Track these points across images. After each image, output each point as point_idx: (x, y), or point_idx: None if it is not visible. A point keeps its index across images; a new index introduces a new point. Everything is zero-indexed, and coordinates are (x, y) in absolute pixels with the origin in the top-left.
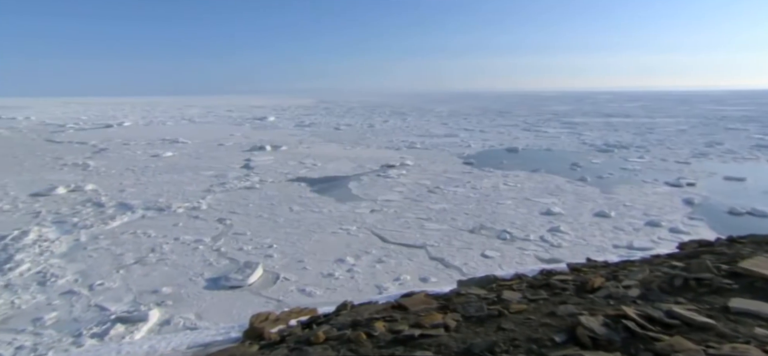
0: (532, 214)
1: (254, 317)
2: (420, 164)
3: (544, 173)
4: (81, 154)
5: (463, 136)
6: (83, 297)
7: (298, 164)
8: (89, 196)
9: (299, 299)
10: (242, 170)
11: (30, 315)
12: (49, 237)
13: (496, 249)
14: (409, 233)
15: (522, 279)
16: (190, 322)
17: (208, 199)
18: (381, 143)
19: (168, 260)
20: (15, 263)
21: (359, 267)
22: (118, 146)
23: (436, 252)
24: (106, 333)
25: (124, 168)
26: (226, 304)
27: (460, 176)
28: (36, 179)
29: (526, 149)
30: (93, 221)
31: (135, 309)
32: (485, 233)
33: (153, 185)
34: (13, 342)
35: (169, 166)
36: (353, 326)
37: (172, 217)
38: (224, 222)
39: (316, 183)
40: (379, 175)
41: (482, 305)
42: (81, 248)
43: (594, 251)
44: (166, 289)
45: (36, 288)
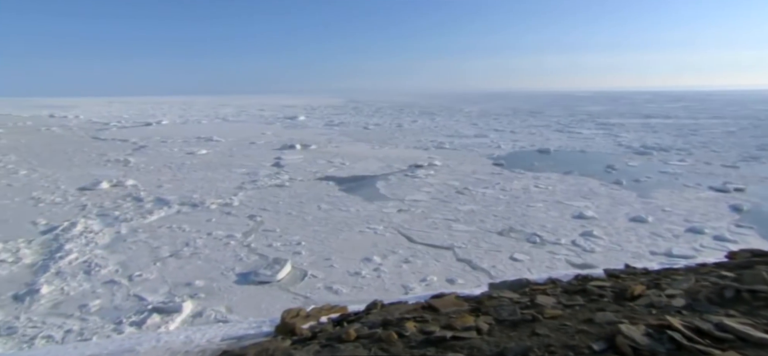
0: (564, 217)
1: (285, 312)
2: (448, 165)
3: (577, 175)
4: (123, 151)
5: (493, 136)
6: (123, 286)
7: (327, 163)
8: (129, 191)
9: (326, 296)
10: (273, 168)
11: (77, 302)
12: (93, 229)
13: (525, 253)
14: (437, 234)
15: (556, 283)
16: (221, 315)
17: (239, 196)
18: (409, 143)
19: (201, 255)
20: (64, 252)
21: (386, 267)
22: (156, 143)
23: (463, 254)
24: (143, 322)
25: (161, 165)
26: (255, 299)
27: (490, 178)
28: (83, 174)
29: (558, 151)
30: (133, 215)
31: (170, 300)
32: (514, 235)
33: (188, 182)
34: (62, 326)
35: (204, 163)
36: (384, 325)
37: (206, 213)
38: (255, 219)
39: (344, 182)
40: (407, 175)
41: (515, 309)
42: (121, 241)
43: (629, 257)
44: (199, 282)
45: (82, 277)
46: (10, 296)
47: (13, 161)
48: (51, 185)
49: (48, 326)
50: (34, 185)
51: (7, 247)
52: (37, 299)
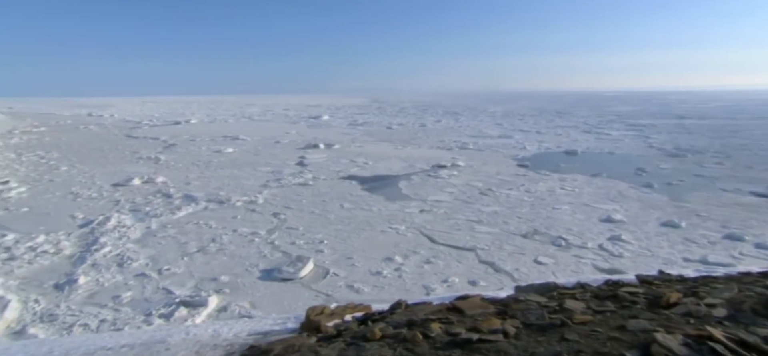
0: (591, 221)
1: (310, 309)
2: (472, 165)
3: (606, 177)
4: (154, 149)
5: (518, 137)
6: (153, 279)
7: (350, 162)
8: (160, 187)
9: (347, 294)
10: (297, 167)
11: (110, 293)
12: (126, 224)
13: (550, 256)
14: (459, 235)
15: (585, 288)
16: (245, 310)
17: (264, 194)
18: (432, 143)
19: (226, 251)
20: (99, 245)
21: (407, 267)
22: (185, 141)
23: (486, 256)
24: (171, 314)
25: (189, 163)
26: (278, 295)
27: (514, 179)
28: (117, 171)
29: (586, 152)
30: (162, 210)
31: (196, 294)
32: (539, 238)
33: (215, 179)
34: (98, 315)
35: (230, 161)
36: (409, 325)
37: (232, 210)
38: (278, 217)
39: (366, 182)
40: (430, 175)
41: (543, 313)
42: (152, 235)
43: (660, 263)
44: (224, 277)
45: (115, 269)
46: (51, 285)
47: (56, 157)
48: (88, 181)
49: (84, 315)
50: (74, 180)
51: (49, 239)
52: (75, 289)
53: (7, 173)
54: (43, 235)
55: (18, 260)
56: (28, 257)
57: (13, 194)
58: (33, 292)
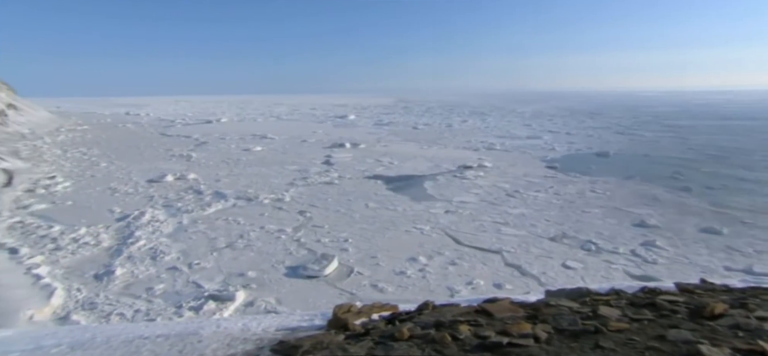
0: (623, 225)
1: (337, 307)
2: (499, 167)
3: (639, 180)
4: (186, 147)
5: (547, 138)
6: (184, 273)
7: (376, 162)
8: (191, 184)
9: (371, 294)
10: (323, 166)
11: (144, 285)
12: (159, 219)
13: (579, 260)
14: (485, 237)
15: (620, 294)
16: (271, 306)
17: (291, 192)
18: (459, 144)
19: (254, 247)
20: (135, 238)
21: (431, 268)
22: (215, 140)
23: (512, 259)
24: (201, 307)
25: (220, 160)
26: (303, 292)
27: (542, 181)
28: (152, 168)
29: (618, 154)
30: (193, 206)
31: (224, 288)
32: (567, 242)
33: (244, 177)
34: (132, 306)
35: (258, 160)
36: (437, 326)
37: (259, 207)
38: (304, 215)
39: (392, 181)
40: (456, 176)
41: (576, 318)
42: (183, 230)
43: (699, 272)
44: (252, 273)
45: (149, 262)
46: (91, 275)
47: (96, 154)
48: (125, 177)
49: (121, 305)
50: (112, 176)
51: (90, 231)
52: (113, 280)
53: (54, 168)
54: (84, 227)
55: (63, 250)
56: (71, 248)
57: (59, 188)
58: (76, 281)
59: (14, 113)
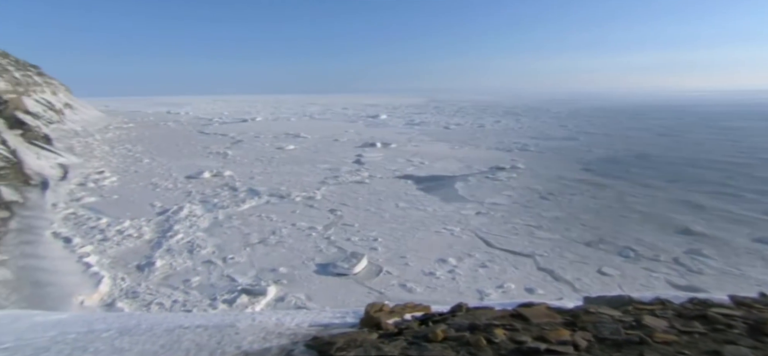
0: (665, 231)
1: (370, 306)
2: (532, 168)
3: (684, 184)
4: (222, 144)
5: (584, 139)
6: (218, 267)
7: (406, 161)
8: (226, 181)
9: (400, 293)
10: (354, 165)
11: (182, 277)
12: (196, 214)
13: (615, 267)
14: (517, 240)
15: (665, 304)
16: (301, 301)
17: (322, 190)
18: (491, 144)
19: (285, 243)
20: (173, 232)
21: (461, 270)
22: (250, 138)
23: (545, 263)
24: (234, 300)
25: (254, 158)
26: (332, 289)
27: (578, 183)
28: (190, 164)
29: (661, 157)
30: (228, 202)
31: (257, 283)
32: (604, 247)
33: (277, 175)
34: (170, 296)
35: (291, 158)
36: (471, 329)
37: (291, 204)
38: (335, 213)
39: (422, 181)
40: (488, 177)
41: (618, 327)
42: (218, 225)
43: (752, 285)
44: (283, 269)
45: (186, 255)
46: (134, 266)
47: (140, 150)
48: (165, 173)
49: (160, 295)
50: (154, 172)
51: (133, 224)
52: (153, 271)
53: (103, 164)
54: (128, 220)
55: (109, 241)
56: (116, 239)
57: (107, 183)
58: (120, 271)
59: (70, 112)
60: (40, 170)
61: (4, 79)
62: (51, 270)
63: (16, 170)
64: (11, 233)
